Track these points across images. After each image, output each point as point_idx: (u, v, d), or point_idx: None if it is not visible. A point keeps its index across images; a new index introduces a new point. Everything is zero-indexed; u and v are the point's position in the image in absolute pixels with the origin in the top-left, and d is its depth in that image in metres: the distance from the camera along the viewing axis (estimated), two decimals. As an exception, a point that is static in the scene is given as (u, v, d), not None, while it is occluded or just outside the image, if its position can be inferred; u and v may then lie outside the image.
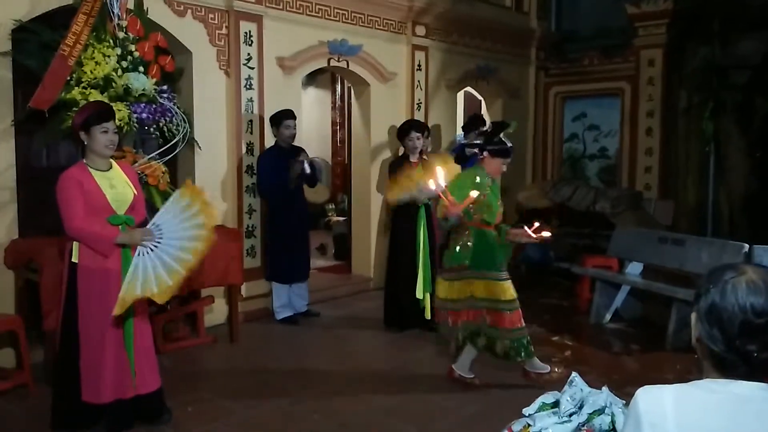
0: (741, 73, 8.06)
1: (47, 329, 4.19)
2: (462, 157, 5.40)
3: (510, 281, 4.30)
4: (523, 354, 4.29)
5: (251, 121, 6.05)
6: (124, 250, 3.54)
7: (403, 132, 5.95)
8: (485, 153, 4.33)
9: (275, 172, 5.77)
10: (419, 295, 5.23)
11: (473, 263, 4.25)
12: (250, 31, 6.00)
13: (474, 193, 4.08)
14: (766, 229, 6.88)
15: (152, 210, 4.19)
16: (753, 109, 7.92)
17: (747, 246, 5.12)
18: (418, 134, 5.88)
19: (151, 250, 3.42)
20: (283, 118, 5.86)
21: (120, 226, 3.51)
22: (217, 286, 5.44)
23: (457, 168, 4.87)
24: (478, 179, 4.27)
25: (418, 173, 5.16)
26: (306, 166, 5.80)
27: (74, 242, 3.54)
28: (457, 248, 4.31)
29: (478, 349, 4.44)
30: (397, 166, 5.83)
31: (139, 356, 3.66)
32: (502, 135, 4.35)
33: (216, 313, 5.75)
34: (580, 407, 2.71)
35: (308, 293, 6.29)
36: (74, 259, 3.55)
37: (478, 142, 4.46)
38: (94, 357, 3.56)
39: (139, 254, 3.43)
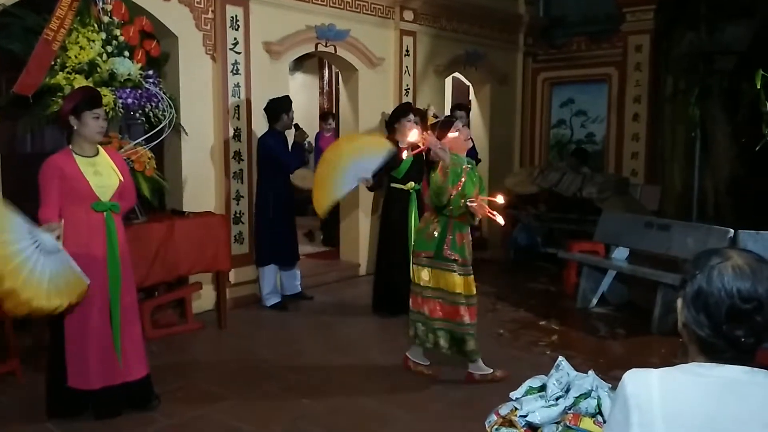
0: (727, 58, 8.11)
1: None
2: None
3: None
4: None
5: (238, 106, 6.01)
6: (109, 238, 3.53)
7: (401, 113, 5.90)
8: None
9: (286, 149, 5.93)
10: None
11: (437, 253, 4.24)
12: (236, 16, 5.94)
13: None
14: (751, 214, 6.93)
15: (138, 196, 4.18)
16: (739, 95, 7.96)
17: (732, 231, 5.16)
18: (416, 117, 5.91)
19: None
20: (290, 103, 5.97)
21: (55, 220, 3.38)
22: (205, 272, 5.42)
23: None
24: (457, 169, 4.13)
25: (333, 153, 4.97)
26: (306, 141, 6.16)
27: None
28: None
29: (425, 348, 4.38)
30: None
31: (127, 343, 3.66)
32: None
33: (204, 299, 5.75)
34: (567, 391, 2.75)
35: (300, 275, 6.32)
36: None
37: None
38: (78, 343, 3.55)
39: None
